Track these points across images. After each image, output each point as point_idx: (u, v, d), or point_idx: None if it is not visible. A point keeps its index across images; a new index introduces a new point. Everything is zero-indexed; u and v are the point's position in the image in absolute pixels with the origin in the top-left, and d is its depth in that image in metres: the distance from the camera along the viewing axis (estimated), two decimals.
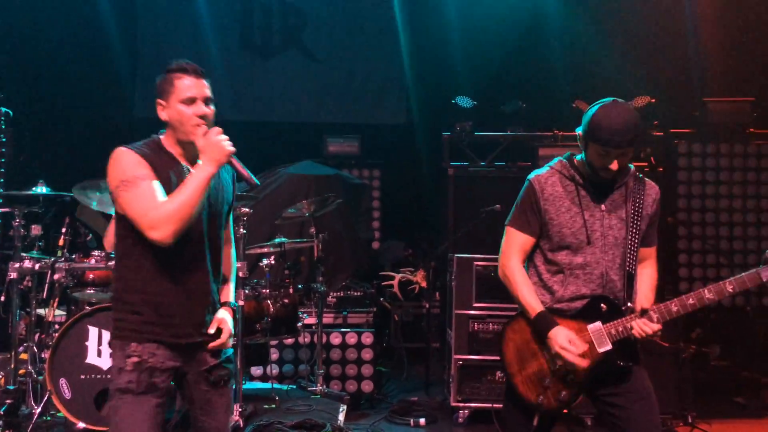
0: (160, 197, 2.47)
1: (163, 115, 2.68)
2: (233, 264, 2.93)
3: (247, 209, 4.47)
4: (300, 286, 5.17)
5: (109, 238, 4.85)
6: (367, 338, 5.69)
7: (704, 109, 6.85)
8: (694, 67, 7.65)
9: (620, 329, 2.68)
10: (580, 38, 8.07)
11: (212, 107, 2.68)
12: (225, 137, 2.59)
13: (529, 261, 2.86)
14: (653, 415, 2.71)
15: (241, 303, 4.34)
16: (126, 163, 2.52)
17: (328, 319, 5.78)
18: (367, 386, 5.66)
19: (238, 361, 4.34)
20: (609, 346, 2.67)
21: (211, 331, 2.64)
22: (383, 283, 6.64)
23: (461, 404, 5.33)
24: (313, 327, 5.47)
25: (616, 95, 2.78)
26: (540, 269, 2.82)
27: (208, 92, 2.66)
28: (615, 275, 2.75)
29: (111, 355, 2.57)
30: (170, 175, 2.57)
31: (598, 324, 2.70)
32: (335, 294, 5.92)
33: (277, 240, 5.12)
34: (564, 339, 2.64)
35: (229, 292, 2.82)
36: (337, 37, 8.62)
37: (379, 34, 8.62)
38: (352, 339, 5.68)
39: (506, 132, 6.58)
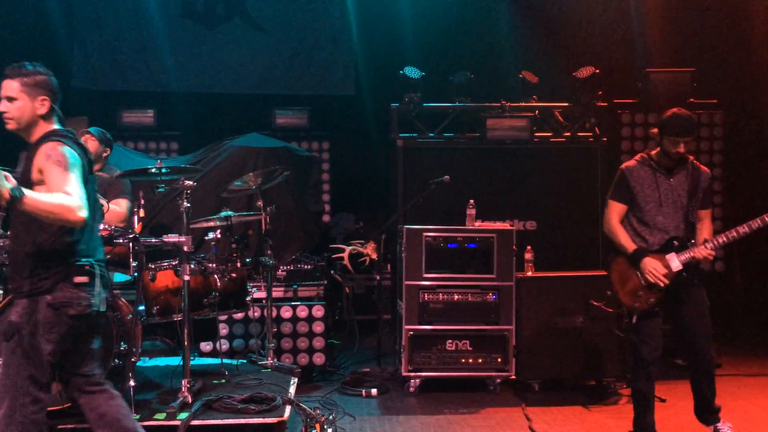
0: None
1: None
2: None
3: (191, 182, 4.35)
4: (248, 260, 5.10)
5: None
6: (318, 311, 5.68)
7: (646, 80, 6.99)
8: (637, 39, 7.79)
9: (687, 256, 4.07)
10: (528, 10, 8.11)
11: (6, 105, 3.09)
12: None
13: (627, 222, 4.23)
14: (705, 318, 4.14)
15: (187, 278, 4.26)
16: None
17: (278, 292, 5.73)
18: (319, 359, 5.66)
19: (185, 337, 4.27)
20: (680, 267, 4.07)
21: None
22: (333, 256, 6.61)
23: (412, 374, 5.39)
24: (263, 301, 5.42)
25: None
26: (635, 226, 4.21)
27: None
28: (683, 225, 4.16)
29: None
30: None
31: (672, 254, 4.09)
32: (285, 267, 5.87)
33: (223, 213, 5.02)
34: (652, 265, 4.07)
35: None
36: (284, 7, 8.45)
37: (326, 3, 8.49)
38: (302, 312, 5.66)
39: (454, 103, 6.59)
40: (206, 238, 4.85)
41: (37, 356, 3.03)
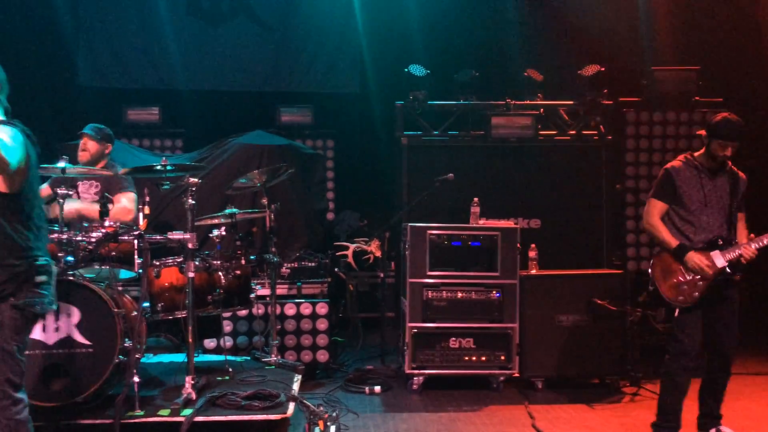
0: None
1: None
2: None
3: (196, 180, 4.36)
4: (252, 257, 5.11)
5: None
6: (322, 308, 5.68)
7: (652, 78, 6.97)
8: (643, 37, 7.76)
9: (734, 255, 4.19)
10: (532, 8, 8.09)
11: None
12: None
13: (669, 220, 4.33)
14: (736, 317, 4.28)
15: (191, 275, 4.27)
16: None
17: (282, 290, 5.74)
18: (323, 356, 5.67)
19: (189, 334, 4.28)
20: (725, 263, 4.20)
21: None
22: (337, 254, 6.62)
23: (415, 371, 5.40)
24: (267, 298, 5.43)
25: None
26: (677, 224, 4.31)
27: None
28: (725, 225, 4.29)
29: None
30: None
31: (717, 251, 4.22)
32: (289, 265, 5.88)
33: (228, 211, 5.04)
34: (697, 258, 4.19)
35: None
36: (289, 4, 8.45)
37: (332, 0, 8.48)
38: (306, 310, 5.67)
39: (459, 101, 6.58)
40: (211, 235, 4.86)
41: (8, 359, 3.01)
